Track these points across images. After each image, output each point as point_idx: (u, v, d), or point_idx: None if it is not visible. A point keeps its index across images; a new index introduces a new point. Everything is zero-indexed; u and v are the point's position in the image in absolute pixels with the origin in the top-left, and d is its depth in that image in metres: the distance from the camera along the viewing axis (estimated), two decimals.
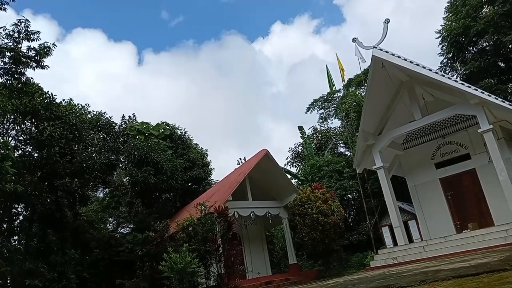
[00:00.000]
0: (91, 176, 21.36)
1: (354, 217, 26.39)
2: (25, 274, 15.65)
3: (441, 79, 14.61)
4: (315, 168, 26.89)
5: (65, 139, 18.52)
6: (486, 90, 17.46)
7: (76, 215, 20.26)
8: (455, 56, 25.27)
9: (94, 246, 20.01)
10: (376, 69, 15.92)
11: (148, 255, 16.62)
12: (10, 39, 15.24)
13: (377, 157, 17.00)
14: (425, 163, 17.97)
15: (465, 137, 16.79)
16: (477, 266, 7.42)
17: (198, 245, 15.20)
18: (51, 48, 15.96)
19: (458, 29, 23.82)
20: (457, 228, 16.37)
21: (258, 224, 21.21)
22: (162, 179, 24.32)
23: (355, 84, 33.13)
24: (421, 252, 14.52)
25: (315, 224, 17.49)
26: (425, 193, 17.89)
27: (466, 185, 16.84)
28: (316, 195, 18.19)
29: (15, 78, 15.81)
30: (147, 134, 27.86)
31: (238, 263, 15.92)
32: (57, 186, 18.59)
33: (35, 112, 17.88)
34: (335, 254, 19.27)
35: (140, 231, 17.73)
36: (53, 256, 17.87)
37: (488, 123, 14.24)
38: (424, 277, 7.28)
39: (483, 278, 5.89)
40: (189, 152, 28.81)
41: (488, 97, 13.97)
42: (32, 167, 18.29)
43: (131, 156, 24.12)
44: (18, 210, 18.39)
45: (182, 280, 13.92)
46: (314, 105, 39.63)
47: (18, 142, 18.65)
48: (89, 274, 18.46)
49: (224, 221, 15.77)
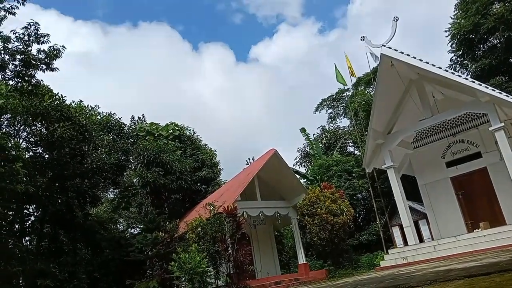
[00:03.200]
0: (101, 177, 21.52)
1: (364, 217, 26.27)
2: (37, 274, 15.82)
3: (451, 77, 14.46)
4: (323, 168, 26.82)
5: (75, 140, 18.68)
6: (497, 87, 17.28)
7: (87, 216, 20.42)
8: (465, 54, 25.06)
9: (104, 246, 20.17)
10: (385, 68, 15.80)
11: (158, 255, 16.69)
12: (20, 42, 15.41)
13: (386, 157, 16.87)
14: (436, 162, 17.81)
15: (476, 136, 16.62)
16: (488, 266, 7.33)
17: (207, 245, 15.24)
18: (61, 51, 16.10)
19: (468, 26, 23.62)
20: (468, 227, 16.21)
21: (267, 224, 21.21)
22: (171, 179, 24.46)
23: (364, 83, 32.98)
24: (432, 252, 14.39)
25: (324, 224, 17.45)
26: (435, 192, 17.75)
27: (477, 184, 16.66)
28: (325, 194, 18.14)
29: (26, 81, 15.96)
30: (156, 134, 28.03)
31: (247, 263, 15.89)
32: (67, 187, 18.75)
33: (46, 113, 18.04)
34: (344, 254, 19.21)
35: (150, 231, 17.81)
36: (64, 256, 18.07)
37: (499, 121, 14.05)
38: (435, 277, 7.20)
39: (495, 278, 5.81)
40: (198, 153, 28.91)
41: (499, 95, 13.80)
42: (43, 168, 18.47)
43: (141, 157, 24.29)
44: (29, 211, 18.59)
45: (191, 280, 13.96)
46: (322, 104, 39.55)
47: (29, 143, 18.83)
48: (99, 274, 18.63)
49: (233, 221, 15.77)
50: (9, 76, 15.82)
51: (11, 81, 16.12)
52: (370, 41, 16.52)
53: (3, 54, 15.28)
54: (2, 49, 15.22)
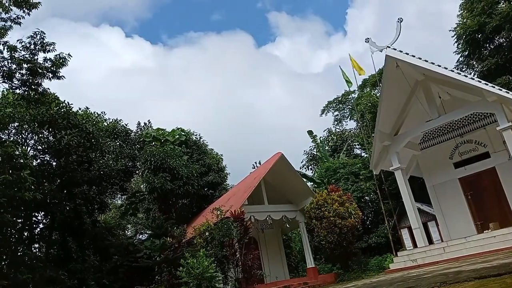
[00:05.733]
0: (108, 183, 21.63)
1: (372, 219, 26.09)
2: (46, 282, 15.89)
3: (458, 77, 14.36)
4: (330, 171, 26.72)
5: (82, 147, 18.81)
6: (504, 87, 17.14)
7: (95, 222, 20.51)
8: (471, 54, 24.88)
9: (113, 252, 20.21)
10: (390, 69, 15.74)
11: (166, 261, 16.69)
12: (26, 51, 15.56)
13: (394, 158, 16.77)
14: (444, 163, 17.67)
15: (483, 136, 16.47)
16: (499, 267, 7.25)
17: (215, 250, 15.24)
18: (67, 59, 16.22)
19: (473, 26, 23.47)
20: (478, 228, 16.04)
21: (274, 228, 21.14)
22: (178, 184, 24.49)
23: (370, 85, 32.87)
24: (442, 254, 14.25)
25: (332, 227, 17.36)
26: (444, 193, 17.59)
27: (486, 184, 16.50)
28: (333, 197, 18.06)
29: (32, 89, 16.10)
30: (162, 140, 28.10)
31: (255, 267, 15.88)
32: (75, 194, 18.86)
33: (53, 121, 18.19)
34: (353, 257, 19.09)
35: (158, 237, 17.82)
36: (73, 263, 18.14)
37: (507, 121, 13.91)
38: (445, 279, 7.13)
39: (506, 279, 5.74)
40: (205, 157, 28.93)
41: (506, 94, 13.69)
42: (51, 176, 18.61)
43: (148, 163, 24.36)
44: (38, 218, 18.74)
45: (200, 285, 13.94)
46: (328, 106, 39.50)
47: (36, 151, 18.99)
48: (108, 281, 18.65)
49: (240, 225, 15.77)
50: (16, 85, 15.98)
51: (18, 90, 16.27)
52: (374, 43, 16.48)
53: (10, 63, 15.44)
54: (9, 58, 15.38)
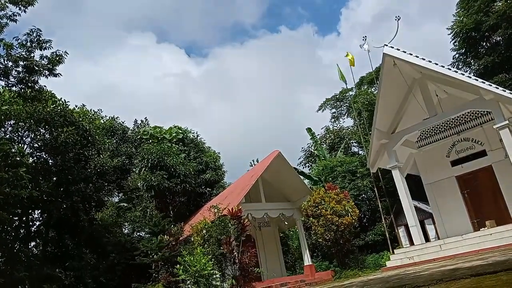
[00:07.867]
0: (105, 181, 21.57)
1: (369, 217, 26.15)
2: (43, 279, 15.85)
3: (454, 75, 14.38)
4: (328, 169, 26.76)
5: (79, 145, 18.76)
6: (500, 85, 17.18)
7: (92, 220, 20.46)
8: (468, 52, 24.97)
9: (110, 250, 20.20)
10: (387, 67, 15.74)
11: (163, 259, 16.71)
12: (23, 49, 15.48)
13: (391, 156, 16.80)
14: (441, 161, 17.71)
15: (480, 134, 16.50)
16: (495, 264, 7.28)
17: (212, 247, 15.22)
18: (63, 56, 16.17)
19: (470, 24, 23.54)
20: (475, 226, 16.10)
21: (272, 225, 21.16)
22: (175, 182, 24.47)
23: (367, 83, 32.89)
24: (438, 251, 14.30)
25: (330, 225, 17.38)
26: (441, 191, 17.64)
27: (482, 182, 16.55)
28: (330, 195, 18.08)
29: (29, 87, 16.03)
30: (160, 138, 28.06)
31: (252, 265, 15.86)
32: (72, 192, 18.80)
33: (49, 119, 18.11)
34: (350, 255, 19.11)
35: (155, 234, 17.83)
36: (70, 261, 18.10)
37: (504, 119, 13.94)
38: (441, 276, 7.15)
39: (502, 276, 5.77)
40: (202, 155, 28.90)
41: (503, 92, 13.71)
42: (48, 173, 18.54)
43: (145, 161, 24.33)
44: (34, 216, 18.65)
45: (197, 282, 13.95)
46: (326, 104, 39.48)
47: (33, 149, 18.91)
48: (105, 279, 18.65)
49: (237, 223, 15.75)
50: (12, 82, 15.93)
51: (14, 87, 16.21)
52: (371, 41, 16.50)
53: (6, 60, 15.37)
54: (6, 56, 15.30)
